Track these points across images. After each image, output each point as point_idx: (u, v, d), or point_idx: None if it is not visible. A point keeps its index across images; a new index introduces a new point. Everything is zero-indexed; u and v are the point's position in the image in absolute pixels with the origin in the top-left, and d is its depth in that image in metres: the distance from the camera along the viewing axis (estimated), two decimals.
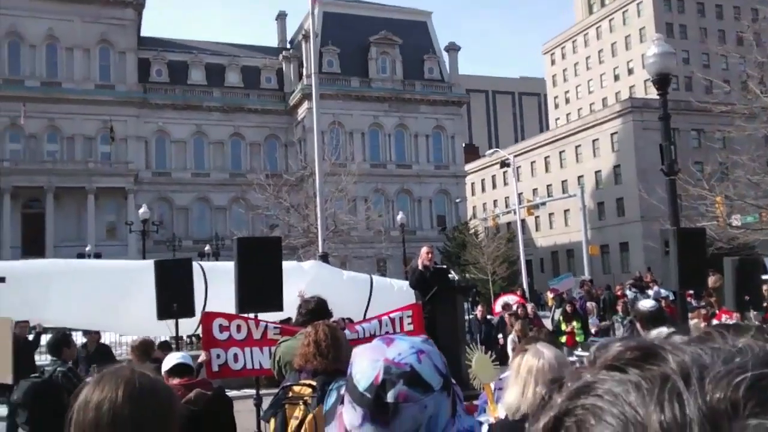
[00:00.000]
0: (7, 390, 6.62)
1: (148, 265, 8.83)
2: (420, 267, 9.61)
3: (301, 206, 36.25)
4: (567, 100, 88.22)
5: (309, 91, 45.55)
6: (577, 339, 14.93)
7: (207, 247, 47.98)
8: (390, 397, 1.27)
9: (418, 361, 1.31)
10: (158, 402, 1.58)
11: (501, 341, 14.33)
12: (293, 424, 3.80)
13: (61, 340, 7.24)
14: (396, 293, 11.39)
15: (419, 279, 9.42)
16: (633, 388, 0.50)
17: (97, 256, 45.76)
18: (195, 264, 9.21)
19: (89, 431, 1.51)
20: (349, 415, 1.34)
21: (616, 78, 79.32)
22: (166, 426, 1.58)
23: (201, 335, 7.51)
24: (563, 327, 15.16)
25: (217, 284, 9.17)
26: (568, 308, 15.72)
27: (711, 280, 12.41)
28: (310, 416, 3.75)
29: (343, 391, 1.41)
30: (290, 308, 7.74)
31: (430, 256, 9.68)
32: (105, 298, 9.27)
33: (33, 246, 50.13)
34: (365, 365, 1.33)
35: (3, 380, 4.68)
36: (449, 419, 1.32)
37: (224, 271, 9.43)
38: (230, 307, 7.38)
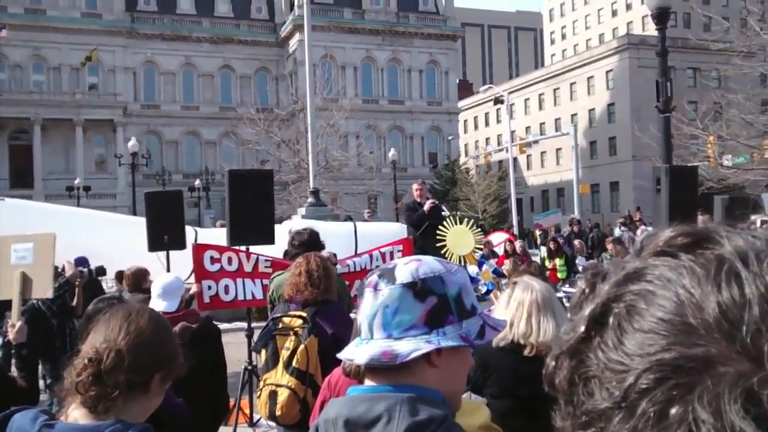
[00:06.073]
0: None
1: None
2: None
3: (292, 141, 35.84)
4: (563, 36, 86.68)
5: (300, 21, 44.47)
6: (559, 276, 14.98)
7: (197, 182, 47.62)
8: (365, 283, 1.42)
9: (405, 263, 1.40)
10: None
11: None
12: (284, 354, 3.82)
13: None
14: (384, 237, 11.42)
15: (418, 215, 9.51)
16: (687, 272, 0.48)
17: (87, 188, 45.47)
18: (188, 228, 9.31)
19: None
20: None
21: (614, 14, 77.77)
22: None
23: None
24: (546, 263, 15.20)
25: None
26: (552, 245, 15.78)
27: (700, 221, 12.49)
28: (302, 347, 3.77)
29: None
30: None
31: (419, 192, 9.80)
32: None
33: (21, 178, 49.78)
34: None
35: (43, 295, 4.91)
36: (420, 325, 1.33)
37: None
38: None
